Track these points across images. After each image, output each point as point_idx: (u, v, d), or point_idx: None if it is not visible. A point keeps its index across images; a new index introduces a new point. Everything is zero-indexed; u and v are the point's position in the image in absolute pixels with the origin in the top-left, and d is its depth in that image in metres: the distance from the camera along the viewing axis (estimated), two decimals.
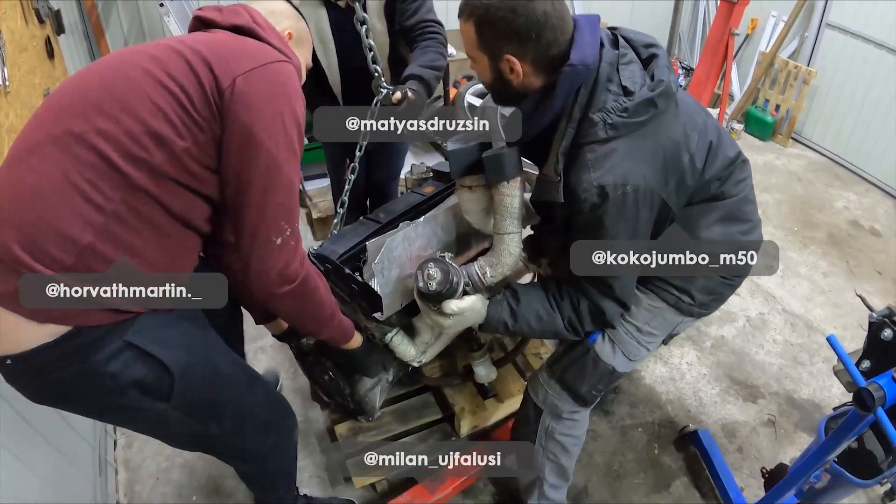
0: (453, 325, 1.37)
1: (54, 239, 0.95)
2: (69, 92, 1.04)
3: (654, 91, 1.19)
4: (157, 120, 0.98)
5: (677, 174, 1.24)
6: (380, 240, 1.38)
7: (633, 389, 2.39)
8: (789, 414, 2.32)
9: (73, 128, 0.97)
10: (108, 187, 0.97)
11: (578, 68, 1.19)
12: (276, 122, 1.04)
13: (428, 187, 1.74)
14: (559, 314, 1.36)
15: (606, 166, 1.17)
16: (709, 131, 1.31)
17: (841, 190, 3.83)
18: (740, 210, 1.39)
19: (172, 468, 2.09)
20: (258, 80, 1.03)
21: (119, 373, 1.04)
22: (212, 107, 1.01)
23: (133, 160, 0.98)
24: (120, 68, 1.03)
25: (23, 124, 1.78)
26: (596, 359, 1.47)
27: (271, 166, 1.05)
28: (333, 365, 1.61)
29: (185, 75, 1.00)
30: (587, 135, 1.20)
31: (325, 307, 1.27)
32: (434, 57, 1.94)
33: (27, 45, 2.09)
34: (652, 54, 1.27)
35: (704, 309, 1.49)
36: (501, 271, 1.38)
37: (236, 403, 1.29)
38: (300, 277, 1.15)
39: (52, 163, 0.96)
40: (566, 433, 1.60)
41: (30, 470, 1.49)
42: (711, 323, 2.71)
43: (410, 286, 1.39)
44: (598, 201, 1.18)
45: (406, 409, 2.03)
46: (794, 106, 4.17)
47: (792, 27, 4.10)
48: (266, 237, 1.08)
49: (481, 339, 1.87)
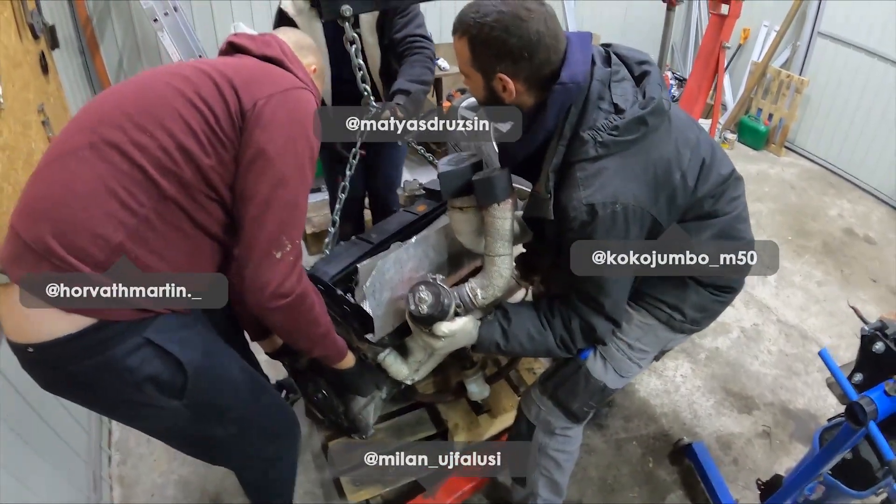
0: (445, 347, 1.39)
1: (88, 236, 1.01)
2: (107, 103, 1.11)
3: (644, 109, 1.19)
4: (187, 137, 1.06)
5: (668, 191, 1.24)
6: (371, 262, 1.39)
7: (628, 403, 2.39)
8: (784, 424, 2.32)
9: (111, 137, 1.04)
10: (141, 194, 1.04)
11: (569, 86, 1.19)
12: (289, 144, 1.11)
13: (420, 206, 1.75)
14: (550, 333, 1.37)
15: (596, 185, 1.18)
16: (702, 148, 1.31)
17: (834, 198, 3.85)
18: (734, 228, 1.40)
19: (167, 484, 2.09)
20: (278, 104, 1.10)
21: (137, 367, 1.08)
22: (235, 127, 1.09)
23: (166, 172, 1.05)
24: (154, 86, 1.11)
25: (17, 141, 1.81)
26: (587, 375, 1.47)
27: (278, 182, 1.10)
28: (327, 383, 1.62)
29: (212, 96, 1.08)
30: (577, 153, 1.20)
31: (319, 325, 1.29)
32: (421, 71, 1.96)
33: (21, 60, 2.09)
34: (644, 71, 1.27)
35: (696, 326, 1.50)
36: (493, 293, 1.39)
37: (242, 408, 1.31)
38: (295, 294, 1.17)
39: (89, 167, 1.03)
40: (559, 449, 1.60)
41: (24, 486, 1.49)
42: (706, 335, 2.71)
43: (402, 308, 1.40)
44: (588, 219, 1.18)
45: (400, 426, 2.03)
46: (787, 115, 4.19)
47: (784, 36, 4.13)
48: (265, 250, 1.12)
49: (474, 357, 1.87)
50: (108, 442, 2.22)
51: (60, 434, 1.77)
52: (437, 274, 1.36)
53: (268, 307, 1.15)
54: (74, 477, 1.81)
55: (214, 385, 1.21)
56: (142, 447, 2.21)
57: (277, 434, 1.46)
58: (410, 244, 1.47)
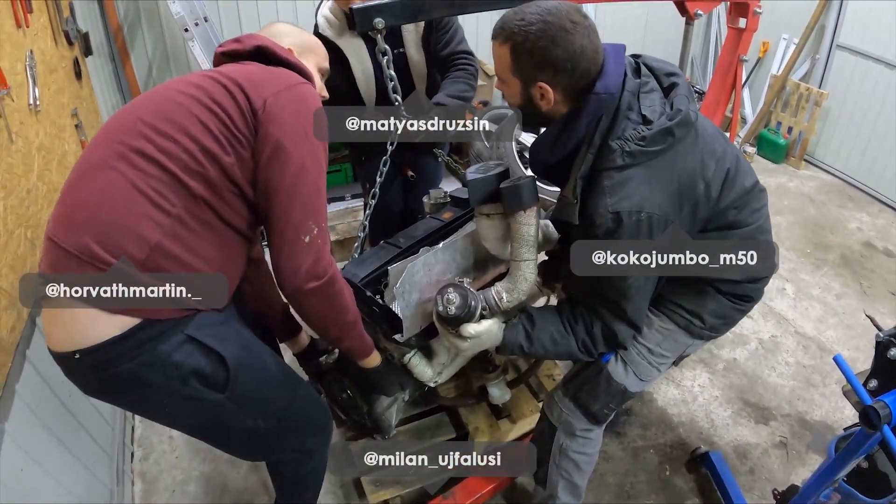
0: (470, 348, 1.41)
1: (129, 237, 1.07)
2: (127, 117, 1.18)
3: (672, 120, 1.21)
4: (207, 139, 1.12)
5: (692, 201, 1.27)
6: (401, 265, 1.42)
7: (645, 411, 2.40)
8: (801, 436, 2.32)
9: (137, 146, 1.11)
10: (172, 195, 1.10)
11: (603, 97, 1.22)
12: (301, 134, 1.17)
13: (447, 213, 1.78)
14: (573, 337, 1.39)
15: (622, 193, 1.20)
16: (727, 159, 1.33)
17: (854, 211, 3.83)
18: (755, 239, 1.41)
19: (188, 481, 2.13)
20: (286, 100, 1.16)
21: (183, 362, 1.13)
22: (248, 125, 1.15)
23: (192, 174, 1.12)
24: (169, 96, 1.17)
25: (52, 142, 1.88)
26: (609, 378, 1.50)
27: (298, 171, 1.17)
28: (352, 383, 1.65)
29: (224, 98, 1.14)
30: (605, 161, 1.23)
31: (349, 311, 1.34)
32: (463, 88, 2.01)
33: (56, 65, 2.16)
34: (673, 83, 1.30)
35: (714, 332, 1.52)
36: (517, 297, 1.42)
37: (282, 401, 1.35)
38: (328, 275, 1.23)
39: (119, 175, 1.09)
40: (579, 451, 1.62)
41: (51, 476, 1.54)
42: (724, 346, 2.72)
43: (430, 310, 1.43)
44: (613, 227, 1.21)
45: (421, 429, 2.05)
46: (807, 128, 4.18)
47: (803, 49, 4.13)
48: (295, 236, 1.18)
49: (496, 361, 1.90)
50: (132, 438, 2.27)
51: (87, 428, 1.82)
52: (464, 277, 1.39)
53: (302, 289, 1.21)
54: (98, 469, 1.85)
55: (255, 378, 1.25)
56: (164, 444, 2.26)
57: (314, 427, 1.50)
58: (439, 249, 1.51)
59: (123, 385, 1.14)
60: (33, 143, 1.74)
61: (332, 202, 3.45)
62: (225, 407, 1.22)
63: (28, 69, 1.79)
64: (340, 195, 3.46)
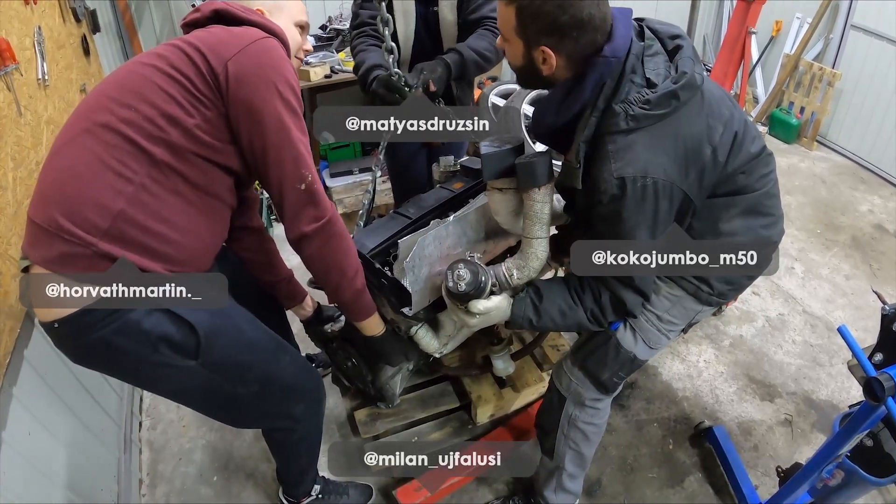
0: (479, 324, 1.42)
1: (92, 207, 1.10)
2: (94, 95, 1.21)
3: (676, 84, 1.19)
4: (168, 104, 1.14)
5: (698, 166, 1.25)
6: (411, 238, 1.42)
7: (650, 385, 2.40)
8: (806, 414, 2.31)
9: (101, 119, 1.14)
10: (134, 163, 1.13)
11: (610, 60, 1.20)
12: (270, 89, 1.17)
13: (457, 183, 1.76)
14: (581, 307, 1.39)
15: (627, 158, 1.19)
16: (734, 123, 1.31)
17: (865, 193, 3.78)
18: (762, 204, 1.40)
19: (195, 449, 2.16)
20: (245, 59, 1.17)
21: (151, 329, 1.15)
22: (211, 87, 1.16)
23: (153, 139, 1.13)
24: (133, 69, 1.20)
25: (61, 116, 1.90)
26: (618, 346, 1.49)
27: (278, 128, 1.19)
28: (357, 353, 1.65)
29: (184, 64, 1.16)
30: (609, 125, 1.21)
31: (350, 257, 1.36)
32: (486, 46, 1.99)
33: (65, 42, 2.18)
34: (677, 45, 1.28)
35: (722, 298, 1.50)
36: (528, 273, 1.41)
37: (262, 367, 1.36)
38: (327, 216, 1.27)
39: (85, 149, 1.13)
40: (588, 421, 1.62)
41: (61, 443, 1.57)
42: (730, 322, 2.70)
43: (439, 283, 1.43)
44: (618, 193, 1.19)
45: (424, 397, 2.07)
46: (819, 108, 4.12)
47: (816, 29, 4.06)
48: (291, 186, 1.23)
49: (502, 334, 1.90)
50: (140, 408, 2.31)
51: (95, 397, 1.85)
52: (474, 252, 1.38)
53: (304, 231, 1.26)
54: (106, 437, 1.89)
55: (230, 344, 1.26)
56: (171, 413, 2.29)
57: (300, 394, 1.50)
58: (449, 222, 1.50)
59: (100, 352, 1.18)
60: (42, 116, 1.76)
61: (340, 176, 3.46)
62: (199, 373, 1.24)
63: (36, 45, 1.81)
64: (348, 169, 3.46)
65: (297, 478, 1.80)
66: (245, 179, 1.33)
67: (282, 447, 1.70)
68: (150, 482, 2.06)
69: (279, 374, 1.41)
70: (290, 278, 1.74)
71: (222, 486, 2.04)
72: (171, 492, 2.03)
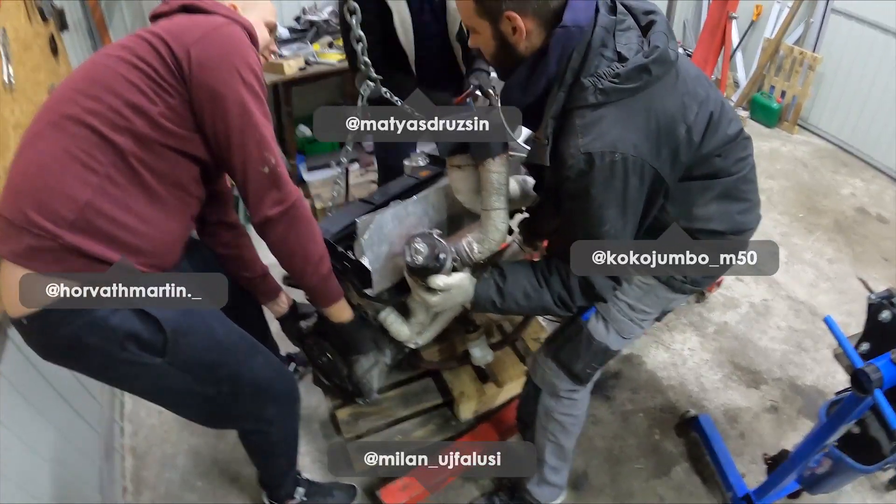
0: (441, 303, 1.37)
1: (59, 198, 1.10)
2: (61, 88, 1.21)
3: (648, 57, 1.15)
4: (132, 93, 1.13)
5: (671, 145, 1.21)
6: (370, 217, 1.40)
7: (635, 375, 2.40)
8: (792, 400, 2.31)
9: (66, 111, 1.13)
10: (99, 154, 1.12)
11: (571, 30, 1.16)
12: (233, 73, 1.17)
13: (424, 171, 1.76)
14: (547, 290, 1.35)
15: (594, 133, 1.15)
16: (710, 103, 1.27)
17: (847, 176, 3.79)
18: (738, 189, 1.37)
19: (178, 454, 2.13)
20: (208, 44, 1.16)
21: (118, 326, 1.15)
22: (174, 75, 1.15)
23: (118, 129, 1.13)
24: (98, 60, 1.20)
25: (28, 120, 1.83)
26: (589, 337, 1.47)
27: (241, 112, 1.18)
28: (331, 346, 1.64)
29: (148, 53, 1.15)
30: (577, 99, 1.18)
31: (315, 242, 1.36)
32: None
33: (31, 42, 2.12)
34: (651, 21, 1.24)
35: (696, 286, 1.48)
36: (489, 247, 1.39)
37: (233, 367, 1.35)
38: (292, 200, 1.27)
39: (52, 142, 1.13)
40: (565, 412, 1.61)
41: (38, 456, 1.52)
42: (714, 309, 2.70)
43: (401, 263, 1.41)
44: (585, 168, 1.15)
45: (407, 394, 2.05)
46: (800, 92, 4.13)
47: (797, 13, 4.05)
48: (255, 169, 1.23)
49: (477, 321, 1.88)
50: (121, 414, 2.27)
51: (74, 406, 1.81)
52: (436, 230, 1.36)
53: (268, 216, 1.25)
54: (86, 447, 1.85)
55: (199, 343, 1.25)
56: (153, 418, 2.25)
57: (273, 396, 1.49)
58: (410, 201, 1.49)
59: (68, 349, 1.17)
60: (9, 121, 1.71)
61: (317, 170, 3.43)
62: (167, 371, 1.23)
63: (1, 47, 1.76)
64: (326, 163, 3.44)
65: (276, 480, 1.79)
66: (212, 170, 1.32)
67: (258, 450, 1.69)
68: (133, 489, 2.02)
69: (250, 375, 1.39)
70: (265, 275, 1.73)
71: (207, 490, 2.02)
72: (155, 498, 2.00)
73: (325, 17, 3.47)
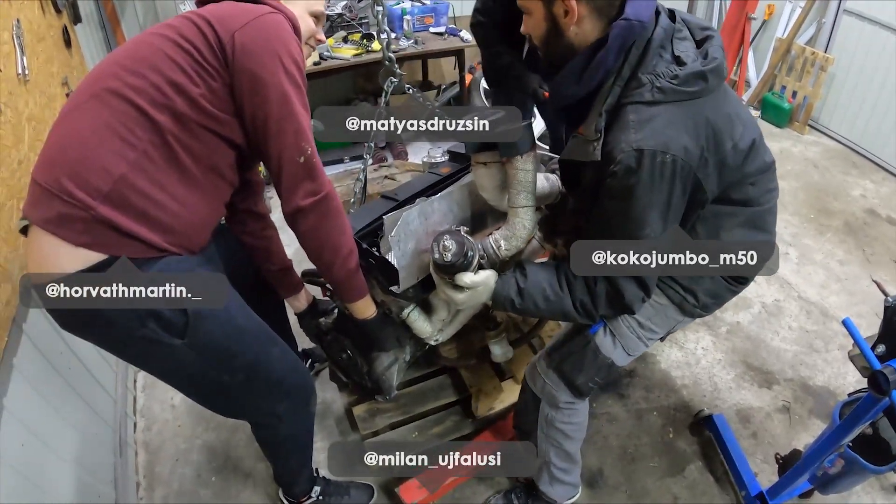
0: (466, 301, 1.35)
1: (94, 170, 1.10)
2: (104, 63, 1.21)
3: (706, 66, 1.15)
4: (175, 72, 1.14)
5: (718, 158, 1.19)
6: (396, 214, 1.40)
7: (648, 373, 2.40)
8: (804, 400, 2.31)
9: (109, 85, 1.14)
10: (138, 129, 1.13)
11: (633, 23, 1.14)
12: (275, 61, 1.17)
13: (444, 168, 1.75)
14: (569, 295, 1.32)
15: (647, 130, 1.13)
16: (753, 129, 1.27)
17: (858, 178, 3.78)
18: (764, 220, 1.37)
19: (192, 450, 2.13)
20: (252, 31, 1.17)
21: None
22: (218, 58, 1.16)
23: (159, 107, 1.14)
24: (143, 38, 1.21)
25: (42, 112, 1.86)
26: (596, 351, 1.46)
27: (281, 99, 1.18)
28: (352, 343, 1.63)
29: (193, 34, 1.16)
30: (633, 95, 1.16)
31: (345, 235, 1.36)
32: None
33: (45, 34, 2.12)
34: (707, 35, 1.24)
35: (705, 311, 1.48)
36: (516, 244, 1.38)
37: (250, 356, 1.34)
38: (325, 191, 1.27)
39: (92, 114, 1.13)
40: (566, 421, 1.60)
41: (52, 451, 1.53)
42: (727, 309, 2.69)
43: (426, 261, 1.41)
44: (634, 165, 1.12)
45: (423, 391, 2.05)
46: (811, 93, 4.12)
47: (809, 13, 4.04)
48: (290, 158, 1.23)
49: (498, 319, 1.88)
50: (134, 409, 2.27)
51: (88, 400, 1.81)
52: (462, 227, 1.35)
53: (300, 206, 1.25)
54: (100, 441, 1.85)
55: (219, 328, 1.25)
56: (166, 413, 2.25)
57: (287, 391, 1.48)
58: (435, 198, 1.48)
59: (88, 321, 1.17)
60: (23, 113, 1.72)
61: (330, 165, 3.43)
62: (185, 354, 1.23)
63: (15, 38, 1.76)
64: (339, 158, 3.44)
65: (290, 478, 1.78)
66: (247, 157, 1.32)
67: (269, 445, 1.68)
68: (147, 485, 2.03)
69: (266, 367, 1.39)
70: (288, 268, 1.73)
71: (221, 486, 2.02)
72: (169, 494, 2.00)
73: (339, 10, 3.46)
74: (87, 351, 1.87)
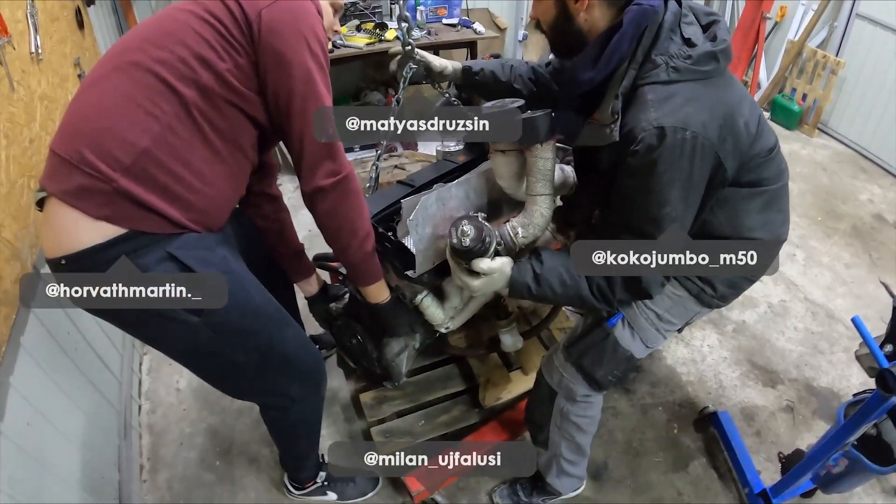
0: (482, 287, 1.35)
1: (117, 143, 1.09)
2: (128, 37, 1.20)
3: (716, 47, 1.17)
4: (202, 47, 1.13)
5: (734, 135, 1.20)
6: (415, 198, 1.39)
7: (654, 369, 2.40)
8: (808, 401, 2.32)
9: (134, 58, 1.13)
10: (164, 103, 1.11)
11: (647, 8, 1.16)
12: (300, 40, 1.17)
13: (460, 156, 1.74)
14: (585, 279, 1.31)
15: (667, 108, 1.13)
16: (756, 109, 1.28)
17: (866, 182, 3.78)
18: (781, 199, 1.37)
19: (196, 433, 2.13)
20: (279, 10, 1.16)
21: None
22: (244, 34, 1.16)
23: (184, 80, 1.12)
24: (169, 13, 1.20)
25: (55, 92, 1.86)
26: (615, 344, 1.46)
27: (306, 78, 1.18)
28: (363, 329, 1.63)
29: (220, 10, 1.15)
30: (649, 76, 1.17)
31: (363, 218, 1.35)
32: None
33: (58, 15, 2.13)
34: (713, 20, 1.26)
35: (723, 301, 1.47)
36: (533, 232, 1.38)
37: (265, 336, 1.34)
38: (345, 172, 1.27)
39: (116, 86, 1.12)
40: (581, 414, 1.60)
41: (57, 431, 1.53)
42: (733, 307, 2.70)
43: (443, 246, 1.40)
44: (656, 143, 1.12)
45: (430, 380, 2.05)
46: (822, 96, 4.11)
47: (821, 16, 4.04)
48: (312, 137, 1.22)
49: (509, 308, 1.88)
50: (139, 391, 2.27)
51: (93, 381, 1.81)
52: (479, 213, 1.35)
53: (320, 185, 1.25)
54: (105, 423, 1.85)
55: (235, 307, 1.23)
56: (171, 396, 2.26)
57: (300, 373, 1.48)
58: (453, 184, 1.47)
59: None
60: (35, 91, 1.72)
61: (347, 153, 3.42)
62: (202, 332, 1.21)
63: (29, 17, 1.76)
64: (350, 146, 3.43)
65: (297, 462, 1.78)
66: (269, 136, 1.32)
67: (278, 428, 1.68)
68: (150, 467, 2.03)
69: (280, 347, 1.38)
70: (300, 252, 1.73)
71: (225, 470, 2.02)
72: (173, 477, 2.00)
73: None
74: (94, 332, 1.87)
